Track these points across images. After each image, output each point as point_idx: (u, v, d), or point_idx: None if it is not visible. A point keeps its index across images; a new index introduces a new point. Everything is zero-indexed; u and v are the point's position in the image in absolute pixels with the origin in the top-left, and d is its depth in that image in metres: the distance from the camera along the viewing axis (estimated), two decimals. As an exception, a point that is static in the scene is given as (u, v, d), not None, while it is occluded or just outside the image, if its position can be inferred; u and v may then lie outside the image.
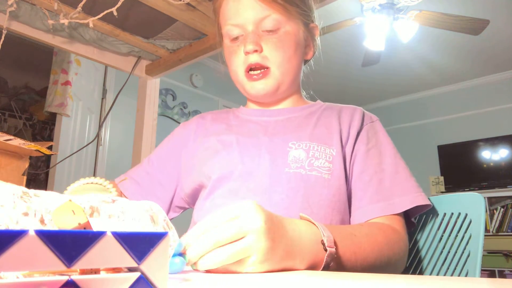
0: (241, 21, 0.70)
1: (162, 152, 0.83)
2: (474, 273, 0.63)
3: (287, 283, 0.33)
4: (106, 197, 0.33)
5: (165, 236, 0.23)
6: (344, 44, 3.51)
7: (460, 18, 2.49)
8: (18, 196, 0.28)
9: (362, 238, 0.54)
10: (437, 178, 4.25)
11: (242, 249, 0.41)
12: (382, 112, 4.95)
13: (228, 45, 0.74)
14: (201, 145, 0.76)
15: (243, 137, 0.72)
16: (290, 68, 0.72)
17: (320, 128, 0.71)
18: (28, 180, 1.65)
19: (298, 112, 0.76)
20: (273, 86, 0.72)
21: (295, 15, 0.72)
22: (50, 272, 0.21)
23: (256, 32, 0.70)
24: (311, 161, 0.65)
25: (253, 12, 0.69)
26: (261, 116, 0.77)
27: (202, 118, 0.84)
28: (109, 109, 1.82)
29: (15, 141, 0.67)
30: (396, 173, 0.67)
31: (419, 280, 0.33)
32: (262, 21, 0.69)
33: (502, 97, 4.10)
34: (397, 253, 0.58)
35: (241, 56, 0.71)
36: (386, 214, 0.62)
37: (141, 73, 1.64)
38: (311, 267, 0.47)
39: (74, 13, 1.18)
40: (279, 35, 0.70)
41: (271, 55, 0.70)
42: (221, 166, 0.69)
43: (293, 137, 0.69)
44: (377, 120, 0.76)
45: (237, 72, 0.73)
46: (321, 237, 0.48)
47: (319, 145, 0.67)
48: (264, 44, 0.70)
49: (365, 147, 0.69)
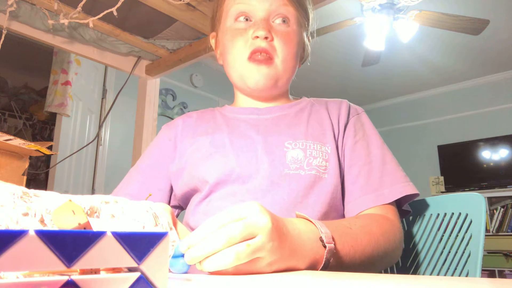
0: (254, 4, 0.70)
1: (151, 158, 0.79)
2: (474, 273, 0.63)
3: (287, 283, 0.33)
4: (106, 197, 0.33)
5: (165, 236, 0.23)
6: (344, 44, 3.51)
7: (460, 18, 2.49)
8: (18, 196, 0.28)
9: (358, 231, 0.54)
10: (437, 178, 4.25)
11: (254, 249, 0.40)
12: (382, 112, 4.95)
13: (232, 27, 0.73)
14: (189, 146, 0.74)
15: (236, 138, 0.71)
16: (291, 66, 0.73)
17: (313, 125, 0.71)
18: (28, 180, 1.65)
19: (287, 109, 0.75)
20: (273, 77, 0.71)
21: (302, 19, 0.74)
22: (50, 272, 0.21)
23: (268, 20, 0.70)
24: (309, 160, 0.65)
25: (270, 1, 0.70)
26: (250, 114, 0.75)
27: (187, 117, 0.81)
28: (109, 109, 1.82)
29: (15, 141, 0.67)
30: (384, 163, 0.67)
31: (419, 280, 0.33)
32: (277, 10, 0.70)
33: (502, 97, 4.10)
34: (392, 242, 0.59)
35: (247, 39, 0.70)
36: (377, 205, 0.63)
37: (141, 73, 1.64)
38: (312, 264, 0.47)
39: (74, 13, 1.18)
40: (289, 29, 0.71)
41: (279, 47, 0.70)
42: (217, 169, 0.67)
43: (288, 136, 0.69)
44: (362, 111, 0.76)
45: (237, 58, 0.71)
46: (319, 234, 0.48)
47: (314, 143, 0.68)
48: (274, 34, 0.70)
49: (352, 140, 0.70)
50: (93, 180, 2.73)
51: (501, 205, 3.77)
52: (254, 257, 0.41)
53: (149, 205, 0.35)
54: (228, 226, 0.40)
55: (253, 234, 0.41)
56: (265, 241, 0.41)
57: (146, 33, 1.46)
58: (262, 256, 0.41)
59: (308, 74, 3.83)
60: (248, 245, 0.40)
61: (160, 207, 0.45)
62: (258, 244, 0.40)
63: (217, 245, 0.39)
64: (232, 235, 0.39)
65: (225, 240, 0.39)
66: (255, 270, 0.42)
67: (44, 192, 0.30)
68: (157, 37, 1.47)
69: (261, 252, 0.41)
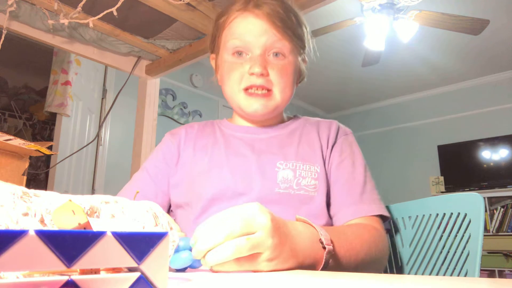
0: (251, 41, 0.72)
1: (157, 161, 0.81)
2: (473, 273, 0.63)
3: (287, 283, 0.33)
4: (106, 197, 0.33)
5: (165, 236, 0.23)
6: (344, 44, 3.51)
7: (460, 18, 2.49)
8: (18, 196, 0.28)
9: (352, 237, 0.58)
10: (437, 178, 4.25)
11: (254, 244, 0.43)
12: (382, 112, 4.95)
13: (229, 60, 0.75)
14: (189, 160, 0.78)
15: (232, 155, 0.75)
16: (288, 94, 0.76)
17: (304, 146, 0.76)
18: (28, 180, 1.65)
19: (280, 130, 0.80)
20: (272, 108, 0.75)
21: (297, 49, 0.77)
22: (50, 272, 0.21)
23: (264, 56, 0.72)
24: (298, 180, 0.70)
25: (265, 37, 0.72)
26: (245, 133, 0.79)
27: (190, 127, 0.85)
28: (109, 109, 1.82)
29: (15, 141, 0.67)
30: (365, 183, 0.72)
31: (419, 279, 0.33)
32: (272, 46, 0.73)
33: (502, 97, 4.10)
34: (381, 250, 0.62)
35: (243, 74, 0.73)
36: (357, 217, 0.67)
37: (141, 73, 1.64)
38: (312, 265, 0.50)
39: (74, 13, 1.18)
40: (285, 62, 0.74)
41: (276, 80, 0.73)
42: (214, 186, 0.71)
43: (280, 157, 0.73)
44: (350, 133, 0.81)
45: (234, 88, 0.75)
46: (318, 236, 0.51)
47: (304, 164, 0.72)
48: (270, 69, 0.73)
49: (338, 158, 0.74)
50: (93, 180, 2.73)
51: (501, 205, 3.77)
52: (254, 252, 0.43)
53: (149, 205, 0.35)
54: (229, 222, 0.43)
55: (253, 231, 0.44)
56: (264, 237, 0.44)
57: (146, 33, 1.46)
58: (262, 252, 0.44)
59: (308, 74, 3.82)
60: (248, 238, 0.43)
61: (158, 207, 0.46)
62: (257, 239, 0.43)
63: (218, 238, 0.42)
64: (232, 230, 0.42)
65: (225, 234, 0.42)
66: (257, 268, 0.44)
67: (44, 192, 0.30)
68: (157, 37, 1.47)
69: (261, 247, 0.43)
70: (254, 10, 0.72)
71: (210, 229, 0.44)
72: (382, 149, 4.76)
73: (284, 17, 0.72)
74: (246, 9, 0.73)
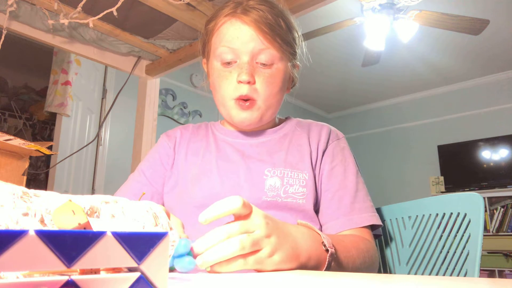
0: (238, 47, 0.71)
1: (154, 162, 0.82)
2: (473, 273, 0.63)
3: (287, 283, 0.33)
4: (106, 197, 0.33)
5: (165, 236, 0.23)
6: (344, 44, 3.51)
7: (460, 18, 2.49)
8: (18, 196, 0.28)
9: (349, 244, 0.60)
10: (437, 178, 4.25)
11: (255, 239, 0.44)
12: (382, 112, 4.95)
13: (218, 68, 0.75)
14: (181, 161, 0.79)
15: (222, 161, 0.76)
16: (274, 102, 0.75)
17: (293, 152, 0.75)
18: (28, 180, 1.65)
19: (271, 135, 0.80)
20: (257, 118, 0.74)
21: (287, 55, 0.75)
22: (50, 272, 0.21)
23: (251, 64, 0.72)
24: (286, 188, 0.70)
25: (253, 44, 0.71)
26: (236, 138, 0.80)
27: (184, 129, 0.86)
28: (109, 109, 1.82)
29: (15, 141, 0.68)
30: (357, 191, 0.72)
31: (418, 279, 0.33)
32: (259, 54, 0.71)
33: (502, 97, 4.10)
34: (375, 259, 0.65)
35: (233, 82, 0.72)
36: (346, 229, 0.68)
37: (141, 73, 1.64)
38: (314, 267, 0.51)
39: (74, 13, 1.18)
40: (272, 70, 0.73)
41: (261, 89, 0.72)
42: (204, 192, 0.72)
43: (269, 164, 0.73)
44: (343, 137, 0.80)
45: (225, 97, 0.74)
46: (320, 239, 0.53)
47: (292, 171, 0.72)
48: (256, 77, 0.72)
49: (329, 165, 0.74)
50: (93, 180, 2.73)
51: (501, 205, 3.77)
52: (255, 248, 0.45)
53: (149, 205, 0.35)
54: (227, 226, 0.45)
55: (251, 230, 0.46)
56: (263, 234, 0.46)
57: (146, 33, 1.46)
58: (263, 250, 0.45)
59: (308, 74, 3.83)
60: (249, 235, 0.45)
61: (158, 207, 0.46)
62: (257, 235, 0.45)
63: (220, 236, 0.44)
64: (231, 232, 0.44)
65: (225, 235, 0.44)
66: (259, 266, 0.45)
67: (44, 192, 0.30)
68: (157, 37, 1.47)
69: (261, 243, 0.45)
70: (242, 16, 0.71)
71: (210, 233, 0.45)
72: (382, 149, 4.76)
73: (273, 23, 0.71)
74: (234, 14, 0.72)
